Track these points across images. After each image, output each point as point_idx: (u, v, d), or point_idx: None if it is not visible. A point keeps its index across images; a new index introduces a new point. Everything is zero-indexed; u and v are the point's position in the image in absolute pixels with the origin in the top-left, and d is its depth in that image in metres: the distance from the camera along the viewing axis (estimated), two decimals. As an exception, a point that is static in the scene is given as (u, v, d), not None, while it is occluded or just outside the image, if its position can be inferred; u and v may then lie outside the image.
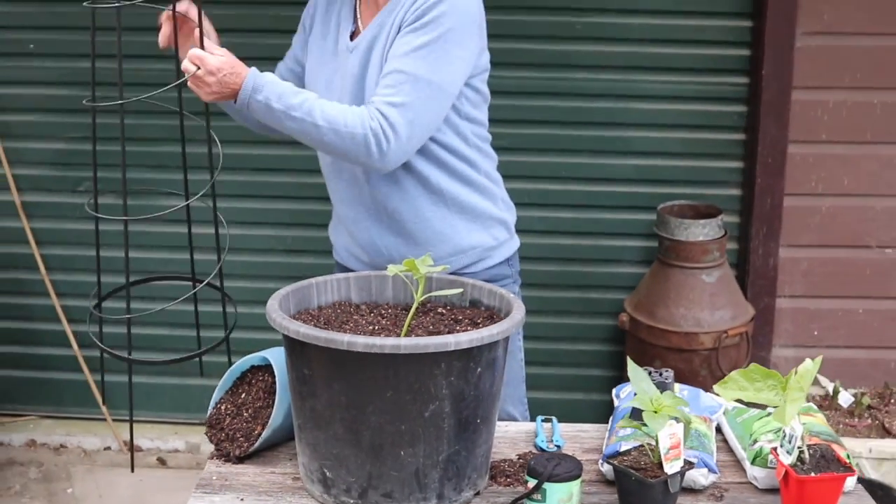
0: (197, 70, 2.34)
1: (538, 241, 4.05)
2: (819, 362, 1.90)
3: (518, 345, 2.69)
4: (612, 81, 4.03)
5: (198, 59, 2.34)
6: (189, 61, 2.36)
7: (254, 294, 4.04)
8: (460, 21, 2.42)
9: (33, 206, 4.20)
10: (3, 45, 4.11)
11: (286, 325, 1.91)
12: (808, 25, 3.89)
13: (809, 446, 1.99)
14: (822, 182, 4.00)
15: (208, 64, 2.34)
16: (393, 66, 2.38)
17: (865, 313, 4.07)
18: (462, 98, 2.50)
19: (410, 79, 2.35)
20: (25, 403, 4.37)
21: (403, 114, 2.34)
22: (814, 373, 1.88)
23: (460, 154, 2.54)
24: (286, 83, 2.39)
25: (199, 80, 2.35)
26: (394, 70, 2.37)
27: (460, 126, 2.52)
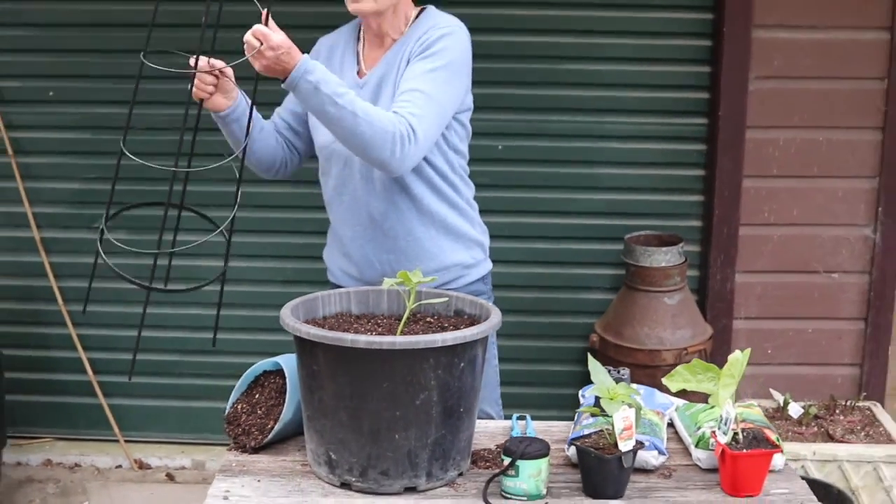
0: (260, 45, 2.55)
1: (516, 270, 4.31)
2: (748, 353, 2.25)
3: (493, 352, 3.01)
4: (583, 123, 4.25)
5: (262, 34, 2.54)
6: (252, 35, 2.54)
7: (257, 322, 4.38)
8: (458, 57, 2.79)
9: (52, 241, 4.39)
10: (25, 92, 4.31)
11: (298, 328, 2.24)
12: (760, 71, 4.11)
13: (743, 430, 2.32)
14: (773, 213, 4.21)
15: (271, 40, 2.53)
16: (409, 85, 2.70)
17: (814, 332, 4.29)
18: (451, 130, 2.85)
19: (424, 96, 2.68)
20: (42, 426, 4.54)
21: (420, 123, 2.65)
22: (743, 363, 2.22)
23: (448, 179, 2.88)
24: (333, 74, 2.64)
25: (260, 53, 2.55)
26: (410, 89, 2.69)
27: (448, 154, 2.87)
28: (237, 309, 4.39)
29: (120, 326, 4.41)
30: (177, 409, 4.54)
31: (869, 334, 4.31)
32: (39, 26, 4.28)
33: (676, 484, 2.36)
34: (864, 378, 4.34)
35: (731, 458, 2.26)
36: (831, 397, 4.12)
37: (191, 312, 4.42)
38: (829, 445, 3.79)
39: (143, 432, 4.54)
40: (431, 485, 2.28)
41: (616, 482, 2.26)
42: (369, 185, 2.87)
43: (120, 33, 4.25)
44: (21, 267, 4.42)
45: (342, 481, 2.28)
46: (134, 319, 4.34)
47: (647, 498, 2.28)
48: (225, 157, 2.79)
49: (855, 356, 4.34)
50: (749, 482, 2.27)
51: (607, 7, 4.19)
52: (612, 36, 4.20)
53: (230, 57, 2.77)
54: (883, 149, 4.16)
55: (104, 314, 4.41)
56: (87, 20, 4.26)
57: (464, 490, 2.30)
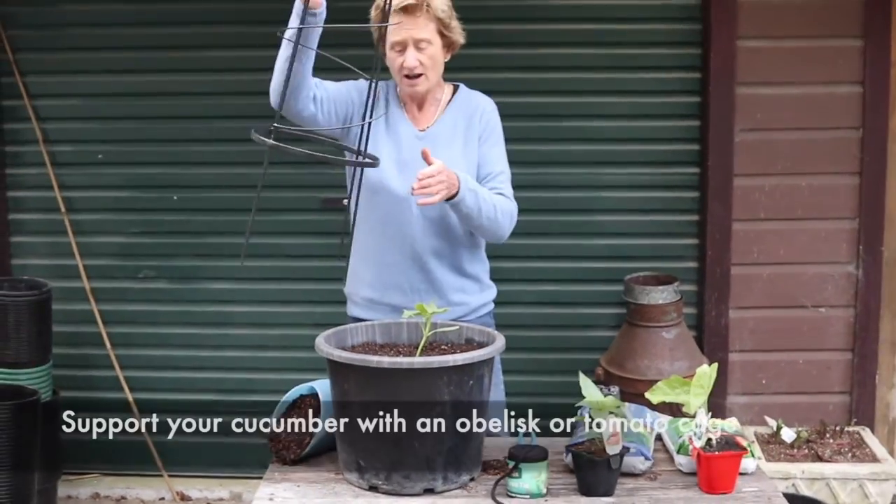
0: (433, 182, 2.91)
1: (526, 311, 4.61)
2: (715, 368, 2.60)
3: (500, 377, 3.33)
4: (584, 175, 4.57)
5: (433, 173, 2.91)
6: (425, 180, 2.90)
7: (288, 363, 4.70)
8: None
9: (100, 291, 4.71)
10: (77, 155, 4.67)
11: (331, 352, 2.60)
12: (745, 124, 4.40)
13: (717, 437, 2.67)
14: (762, 253, 4.47)
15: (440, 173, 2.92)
16: (497, 168, 3.21)
17: (804, 363, 4.52)
18: None
19: (507, 175, 3.23)
20: (91, 463, 4.80)
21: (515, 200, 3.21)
22: (710, 376, 2.58)
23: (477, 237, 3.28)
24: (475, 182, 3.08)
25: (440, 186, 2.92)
26: (500, 171, 3.20)
27: None
28: (270, 351, 4.75)
29: (162, 368, 4.77)
30: (215, 444, 4.77)
31: (856, 364, 4.54)
32: (89, 96, 4.67)
33: (660, 485, 2.70)
34: (853, 405, 4.56)
35: (705, 459, 2.60)
36: (821, 422, 4.36)
37: (226, 355, 4.78)
38: (817, 465, 4.05)
39: (185, 467, 4.83)
40: (447, 487, 2.62)
41: (606, 482, 2.60)
42: (423, 224, 3.17)
43: (160, 101, 4.65)
44: (73, 315, 4.72)
45: (370, 485, 2.62)
46: (175, 362, 4.74)
47: (634, 496, 2.62)
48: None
49: (844, 385, 4.56)
50: (722, 481, 2.61)
51: (604, 69, 4.52)
52: (608, 95, 4.53)
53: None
54: (861, 192, 4.44)
55: (148, 357, 4.76)
56: (131, 90, 4.65)
57: (475, 491, 2.65)
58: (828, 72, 4.39)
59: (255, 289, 4.74)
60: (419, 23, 3.05)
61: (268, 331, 4.75)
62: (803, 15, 4.38)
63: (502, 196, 3.17)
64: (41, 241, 4.76)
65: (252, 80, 4.53)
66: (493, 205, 3.09)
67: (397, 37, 3.07)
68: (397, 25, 3.03)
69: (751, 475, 2.75)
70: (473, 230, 3.18)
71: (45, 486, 4.27)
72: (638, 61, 4.53)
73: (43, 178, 4.68)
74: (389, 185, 3.15)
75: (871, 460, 4.13)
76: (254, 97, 4.54)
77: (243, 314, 4.75)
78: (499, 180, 3.19)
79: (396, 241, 3.19)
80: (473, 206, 3.04)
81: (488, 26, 4.43)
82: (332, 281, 4.47)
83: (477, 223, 3.10)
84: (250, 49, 4.57)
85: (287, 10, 4.45)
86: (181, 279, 4.75)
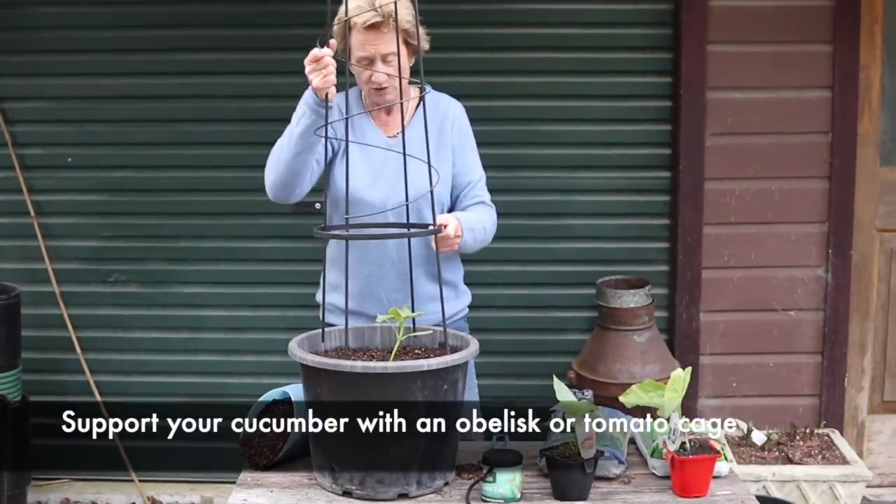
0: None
1: (498, 314, 4.61)
2: (689, 371, 2.60)
3: (474, 381, 3.32)
4: (556, 179, 4.57)
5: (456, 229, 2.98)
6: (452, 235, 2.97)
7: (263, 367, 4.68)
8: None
9: (70, 295, 4.67)
10: (46, 158, 4.63)
11: (304, 357, 2.58)
12: (715, 128, 4.42)
13: (691, 440, 2.67)
14: (733, 257, 4.49)
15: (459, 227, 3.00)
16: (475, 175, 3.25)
17: (775, 366, 4.54)
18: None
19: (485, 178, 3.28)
20: (60, 468, 4.74)
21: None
22: (685, 380, 2.57)
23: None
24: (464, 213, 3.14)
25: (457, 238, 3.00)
26: (479, 178, 3.25)
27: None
28: (242, 355, 4.73)
29: (133, 373, 4.74)
30: (186, 449, 4.78)
31: (826, 367, 4.57)
32: (59, 99, 4.63)
33: (634, 489, 2.70)
34: (822, 407, 4.59)
35: (679, 462, 2.60)
36: (791, 425, 4.39)
37: (198, 359, 4.75)
38: (787, 467, 4.08)
39: (155, 472, 4.79)
40: (421, 491, 2.61)
41: (580, 486, 2.59)
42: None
43: (131, 104, 4.62)
44: (43, 319, 4.69)
45: (344, 490, 2.61)
46: (146, 366, 4.71)
47: (608, 500, 2.62)
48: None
49: (813, 387, 4.59)
50: (696, 484, 2.61)
51: (576, 73, 4.53)
52: (581, 99, 4.54)
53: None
54: (830, 196, 4.47)
55: (119, 362, 4.73)
56: (101, 93, 4.62)
57: (449, 496, 2.63)
58: (797, 77, 4.42)
59: (227, 293, 4.71)
60: (385, 37, 3.00)
61: (240, 335, 4.73)
62: (773, 20, 4.40)
63: (485, 206, 3.23)
64: (10, 245, 4.73)
65: (222, 84, 4.59)
66: (483, 228, 3.17)
67: (363, 52, 3.02)
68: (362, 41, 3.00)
69: (724, 478, 2.75)
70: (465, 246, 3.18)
71: (15, 492, 4.24)
72: (610, 65, 4.54)
73: (12, 181, 4.65)
74: (363, 195, 3.12)
75: (841, 462, 4.16)
76: (224, 100, 4.59)
77: (215, 318, 4.72)
78: (479, 187, 3.25)
79: (373, 252, 3.16)
80: (471, 241, 3.12)
81: (461, 30, 4.43)
82: (305, 285, 4.43)
83: (472, 251, 3.18)
84: (221, 52, 4.58)
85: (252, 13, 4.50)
86: (152, 283, 4.72)
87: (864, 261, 4.62)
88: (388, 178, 3.09)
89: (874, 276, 4.66)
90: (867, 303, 4.67)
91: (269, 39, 4.55)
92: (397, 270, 3.17)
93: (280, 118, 4.42)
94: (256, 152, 4.47)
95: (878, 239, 4.63)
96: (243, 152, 4.58)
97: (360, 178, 3.11)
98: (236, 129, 4.60)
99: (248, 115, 4.59)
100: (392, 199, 3.10)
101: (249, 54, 4.58)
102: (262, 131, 4.44)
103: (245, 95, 4.59)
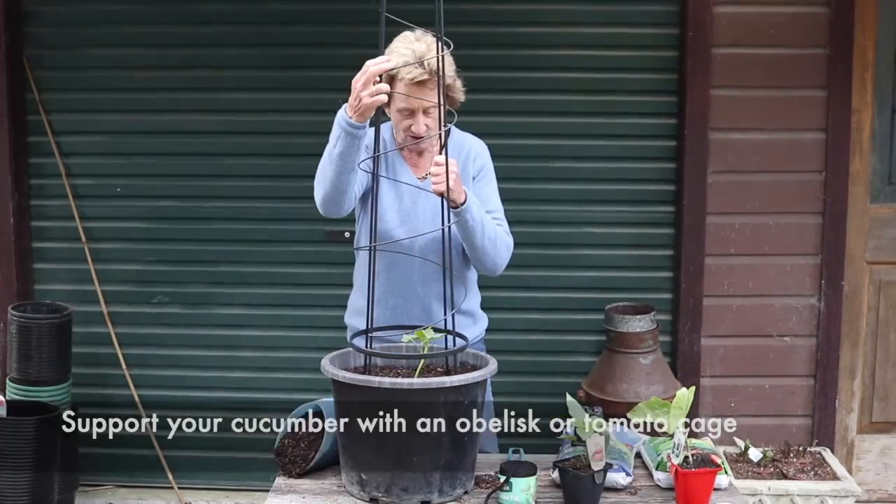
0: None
1: (513, 337, 4.60)
2: (693, 391, 2.62)
3: (490, 399, 3.33)
4: (570, 212, 4.58)
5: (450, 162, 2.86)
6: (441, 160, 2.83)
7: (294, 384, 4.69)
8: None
9: (116, 315, 4.71)
10: (97, 188, 4.67)
11: (336, 373, 2.61)
12: (717, 166, 4.42)
13: (693, 454, 2.69)
14: (732, 286, 4.48)
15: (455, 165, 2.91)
16: (493, 205, 3.18)
17: (771, 388, 4.53)
18: None
19: (502, 211, 3.21)
20: (105, 475, 4.79)
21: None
22: (689, 398, 2.59)
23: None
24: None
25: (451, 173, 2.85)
26: (497, 208, 3.19)
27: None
28: (276, 372, 4.75)
29: (174, 388, 4.76)
30: (223, 459, 4.81)
31: (818, 389, 4.56)
32: (109, 133, 4.68)
33: (640, 499, 2.72)
34: (815, 427, 4.58)
35: (682, 475, 2.62)
36: (786, 443, 4.37)
37: (234, 375, 4.78)
38: (782, 482, 4.07)
39: (194, 479, 4.83)
40: (443, 499, 2.63)
41: (590, 496, 2.61)
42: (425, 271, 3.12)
43: (176, 139, 4.68)
44: (91, 337, 4.72)
45: (371, 497, 2.63)
46: (186, 382, 4.75)
47: (615, 509, 2.64)
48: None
49: (806, 408, 4.58)
50: (698, 496, 2.63)
51: (588, 115, 4.55)
52: (592, 139, 4.56)
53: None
54: (823, 230, 4.47)
55: (161, 377, 4.76)
56: (148, 129, 4.67)
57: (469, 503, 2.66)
58: (794, 119, 4.44)
59: (262, 314, 4.74)
60: (429, 93, 2.99)
61: (273, 353, 4.76)
62: (772, 67, 4.42)
63: (501, 228, 3.16)
64: (63, 269, 4.76)
65: (260, 121, 4.65)
66: (494, 228, 3.07)
67: (406, 104, 3.01)
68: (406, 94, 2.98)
69: (724, 490, 2.77)
70: (474, 251, 3.08)
71: (64, 497, 4.26)
72: (620, 107, 4.56)
73: (65, 209, 4.70)
74: (393, 234, 3.12)
75: (832, 478, 4.15)
76: (262, 136, 4.65)
77: (251, 338, 4.76)
78: (498, 219, 3.18)
79: (399, 287, 3.16)
80: (478, 218, 2.99)
81: (483, 74, 4.43)
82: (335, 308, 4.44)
83: (480, 242, 3.04)
84: (260, 91, 4.63)
85: (292, 56, 4.55)
86: (193, 304, 4.76)
87: (854, 291, 4.63)
88: (414, 220, 3.11)
89: (864, 306, 4.66)
90: (857, 330, 4.67)
91: (306, 80, 4.60)
92: (422, 304, 3.17)
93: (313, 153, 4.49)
94: (291, 184, 4.60)
95: (868, 271, 4.64)
96: (279, 184, 4.64)
97: (389, 218, 3.12)
98: (273, 163, 4.65)
99: (284, 150, 4.63)
100: (420, 239, 3.09)
101: (287, 94, 4.63)
102: (297, 165, 4.57)
103: (282, 132, 4.63)
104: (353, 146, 2.85)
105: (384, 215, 3.08)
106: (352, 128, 2.82)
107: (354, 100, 2.77)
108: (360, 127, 2.82)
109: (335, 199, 2.99)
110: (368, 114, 2.79)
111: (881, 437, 4.73)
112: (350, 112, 2.80)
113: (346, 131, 2.83)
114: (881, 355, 4.69)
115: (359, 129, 2.82)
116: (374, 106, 2.76)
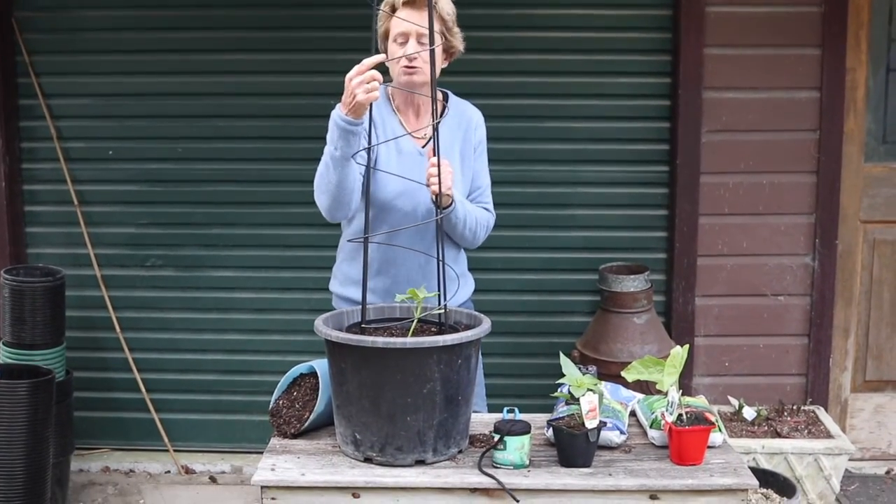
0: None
1: (508, 298, 4.62)
2: (686, 349, 2.61)
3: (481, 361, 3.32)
4: (564, 172, 4.57)
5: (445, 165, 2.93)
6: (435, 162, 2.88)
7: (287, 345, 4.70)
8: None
9: (110, 278, 4.70)
10: (89, 152, 4.64)
11: (329, 333, 2.59)
12: (711, 125, 4.42)
13: (687, 412, 2.68)
14: (726, 245, 4.50)
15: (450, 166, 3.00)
16: (484, 181, 3.29)
17: (765, 347, 4.56)
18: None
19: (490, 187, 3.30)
20: (101, 438, 4.82)
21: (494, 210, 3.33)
22: (682, 357, 2.58)
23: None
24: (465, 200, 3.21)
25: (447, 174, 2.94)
26: (487, 185, 3.29)
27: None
28: (269, 334, 4.74)
29: (168, 350, 4.77)
30: (218, 421, 4.84)
31: (812, 348, 4.58)
32: (100, 96, 4.65)
33: (635, 457, 2.71)
34: (808, 386, 4.60)
35: (676, 433, 2.61)
36: (780, 402, 4.42)
37: (228, 338, 4.77)
38: (776, 440, 4.09)
39: (189, 442, 4.85)
40: (437, 458, 2.63)
41: (584, 454, 2.61)
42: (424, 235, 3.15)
43: (168, 101, 4.64)
44: (85, 300, 4.72)
45: (365, 456, 2.63)
46: (180, 344, 4.75)
47: (610, 467, 2.63)
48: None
49: (800, 367, 4.60)
50: (692, 453, 2.62)
51: (582, 74, 4.53)
52: (586, 98, 4.54)
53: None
54: (817, 189, 4.47)
55: (155, 340, 4.75)
56: (140, 91, 4.63)
57: (463, 463, 2.65)
58: (788, 78, 4.42)
59: (255, 276, 4.73)
60: (422, 15, 2.98)
61: (267, 315, 4.75)
62: (766, 26, 4.40)
63: (486, 211, 3.27)
64: (56, 232, 4.74)
65: (252, 82, 4.61)
66: (476, 218, 3.20)
67: (401, 28, 3.03)
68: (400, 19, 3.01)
69: (718, 448, 2.77)
70: (453, 237, 3.22)
71: (59, 460, 4.26)
72: (613, 67, 4.54)
73: (57, 172, 4.67)
74: (396, 203, 3.13)
75: (826, 437, 4.16)
76: (253, 98, 4.61)
77: (244, 300, 4.75)
78: (485, 195, 3.30)
79: (401, 253, 3.16)
80: (461, 216, 3.13)
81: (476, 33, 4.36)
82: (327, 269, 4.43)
83: (461, 232, 3.19)
84: (251, 53, 4.59)
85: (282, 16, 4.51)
86: (186, 267, 4.74)
87: (848, 250, 4.63)
88: (416, 187, 3.08)
89: (858, 265, 4.66)
90: (851, 289, 4.67)
91: (296, 41, 4.55)
92: (424, 269, 3.19)
93: (305, 114, 4.49)
94: (283, 146, 4.58)
95: (862, 230, 4.64)
96: (271, 146, 4.61)
97: (391, 188, 3.11)
98: (264, 125, 4.61)
99: (275, 112, 4.60)
100: (420, 207, 3.12)
101: (278, 55, 4.58)
102: (289, 126, 4.56)
103: (273, 93, 4.60)
104: (352, 144, 2.89)
105: (386, 186, 3.09)
106: (349, 125, 2.85)
107: (348, 96, 2.81)
108: (357, 123, 2.85)
109: (343, 202, 3.01)
110: (363, 110, 2.82)
111: (875, 395, 4.75)
112: (344, 109, 2.84)
113: (343, 130, 2.86)
114: (875, 314, 4.70)
115: (356, 125, 2.85)
116: (367, 102, 2.79)
